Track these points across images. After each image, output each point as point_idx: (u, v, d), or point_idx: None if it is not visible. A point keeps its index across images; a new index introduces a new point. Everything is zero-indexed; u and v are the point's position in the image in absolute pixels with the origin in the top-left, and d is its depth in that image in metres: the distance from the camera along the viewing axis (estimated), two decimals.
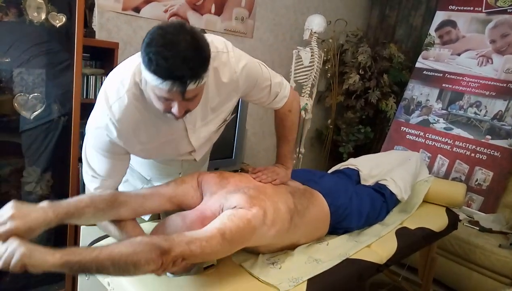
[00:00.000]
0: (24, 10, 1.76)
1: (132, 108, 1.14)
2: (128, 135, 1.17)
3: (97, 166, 1.21)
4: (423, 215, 1.92)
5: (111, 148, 1.17)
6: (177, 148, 1.30)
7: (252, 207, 1.15)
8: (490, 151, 2.92)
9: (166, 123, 1.20)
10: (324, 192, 1.52)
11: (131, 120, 1.15)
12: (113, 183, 1.25)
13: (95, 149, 1.19)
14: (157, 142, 1.24)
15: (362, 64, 3.47)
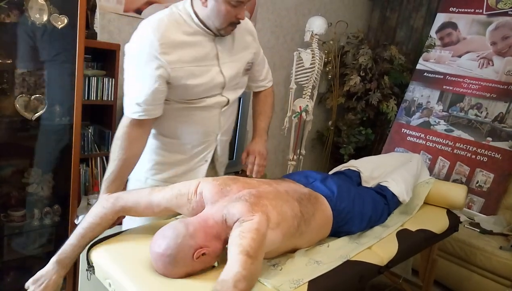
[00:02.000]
0: (26, 12, 1.76)
1: (171, 26, 1.32)
2: (169, 50, 1.30)
3: (138, 94, 1.32)
4: (424, 217, 1.92)
5: (152, 64, 1.30)
6: (210, 76, 1.41)
7: (254, 214, 1.15)
8: (491, 152, 2.92)
9: (201, 47, 1.38)
10: (327, 195, 1.52)
11: (170, 35, 1.31)
12: (152, 110, 1.35)
13: (137, 74, 1.33)
14: (193, 65, 1.37)
15: (363, 66, 3.47)
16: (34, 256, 2.16)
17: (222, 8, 1.29)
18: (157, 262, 1.12)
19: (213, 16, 1.32)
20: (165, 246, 1.10)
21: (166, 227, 1.16)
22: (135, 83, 1.35)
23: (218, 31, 1.37)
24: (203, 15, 1.34)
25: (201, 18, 1.35)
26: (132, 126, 1.36)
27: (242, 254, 1.06)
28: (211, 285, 1.13)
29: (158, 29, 1.30)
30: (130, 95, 1.36)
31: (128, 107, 1.36)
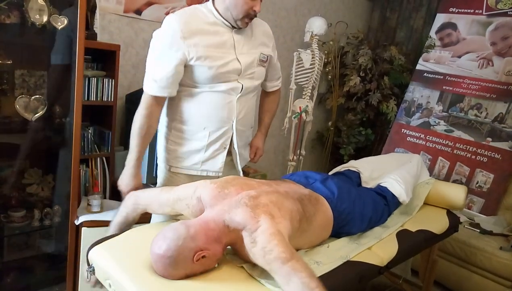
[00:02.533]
0: (26, 13, 1.76)
1: (194, 16, 1.51)
2: (189, 33, 1.46)
3: (156, 72, 1.49)
4: (424, 217, 1.92)
5: (172, 47, 1.46)
6: (226, 60, 1.53)
7: (258, 220, 1.16)
8: (491, 153, 2.92)
9: (219, 36, 1.52)
10: (328, 196, 1.52)
11: (192, 23, 1.48)
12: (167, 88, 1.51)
13: (159, 54, 1.49)
14: (211, 50, 1.50)
15: (362, 67, 3.47)
16: (34, 256, 2.16)
17: (239, 0, 1.46)
18: (157, 263, 1.12)
19: (232, 7, 1.48)
20: (165, 247, 1.10)
21: (167, 228, 1.16)
22: (156, 62, 1.50)
23: (235, 23, 1.53)
24: (223, 8, 1.51)
25: (221, 12, 1.52)
26: (151, 104, 1.53)
27: (284, 263, 1.09)
28: (211, 286, 1.13)
29: (180, 18, 1.48)
30: (150, 73, 1.52)
31: (146, 84, 1.53)
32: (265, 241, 1.12)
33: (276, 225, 1.16)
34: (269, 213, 1.19)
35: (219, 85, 1.56)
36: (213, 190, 1.29)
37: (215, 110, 1.59)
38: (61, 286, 2.07)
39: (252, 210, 1.18)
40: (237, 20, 1.51)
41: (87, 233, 1.94)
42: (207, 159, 1.64)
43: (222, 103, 1.59)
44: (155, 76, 1.50)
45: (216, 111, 1.59)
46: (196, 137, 1.62)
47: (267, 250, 1.11)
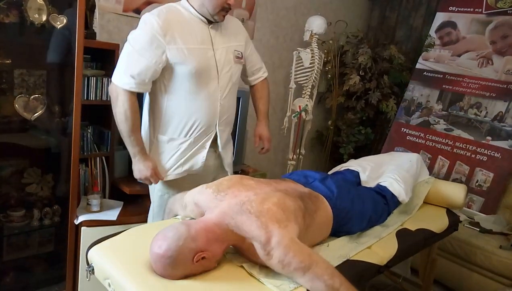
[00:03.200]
0: (25, 12, 1.76)
1: (171, 14, 1.54)
2: (168, 30, 1.50)
3: (134, 67, 1.50)
4: (424, 216, 1.92)
5: (152, 44, 1.49)
6: (205, 58, 1.59)
7: (267, 231, 1.16)
8: (491, 152, 2.92)
9: (197, 31, 1.57)
10: (327, 195, 1.52)
11: (171, 21, 1.52)
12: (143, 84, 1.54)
13: (138, 50, 1.50)
14: (190, 45, 1.55)
15: (362, 66, 3.47)
16: (34, 256, 2.16)
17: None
18: (156, 262, 1.12)
19: (207, 2, 1.54)
20: (165, 247, 1.10)
21: (168, 228, 1.16)
22: (134, 58, 1.51)
23: (212, 17, 1.58)
24: (199, 4, 1.56)
25: (197, 8, 1.57)
26: (130, 99, 1.54)
27: (305, 272, 1.12)
28: (211, 286, 1.13)
29: (159, 15, 1.51)
30: (125, 68, 1.52)
31: (122, 80, 1.53)
32: (281, 255, 1.13)
33: (286, 233, 1.16)
34: (275, 219, 1.18)
35: (200, 85, 1.60)
36: (209, 195, 1.31)
37: (200, 114, 1.64)
38: (60, 286, 2.07)
39: (258, 218, 1.18)
40: (213, 15, 1.57)
41: (87, 233, 1.94)
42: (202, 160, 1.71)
43: (205, 105, 1.63)
44: (132, 72, 1.51)
45: (202, 115, 1.64)
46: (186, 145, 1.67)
47: (285, 263, 1.13)
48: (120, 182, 2.22)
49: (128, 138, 1.59)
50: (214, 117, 1.68)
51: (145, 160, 1.63)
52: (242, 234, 1.19)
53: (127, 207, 2.16)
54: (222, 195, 1.28)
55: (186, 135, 1.67)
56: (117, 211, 2.08)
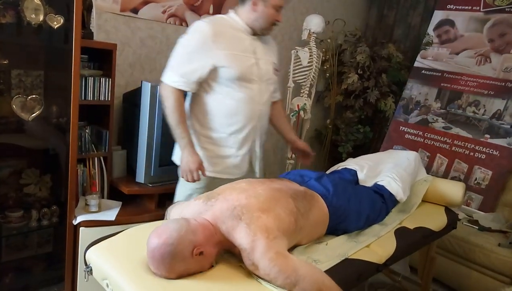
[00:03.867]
0: (21, 12, 1.75)
1: (221, 22, 1.73)
2: (217, 37, 1.66)
3: (182, 67, 1.66)
4: (422, 215, 1.92)
5: (202, 48, 1.65)
6: (249, 64, 1.73)
7: (254, 238, 1.16)
8: (489, 149, 2.92)
9: (242, 41, 1.74)
10: (323, 193, 1.53)
11: (220, 29, 1.69)
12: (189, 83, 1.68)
13: (188, 52, 1.66)
14: (235, 52, 1.70)
15: (360, 64, 3.47)
16: (32, 257, 2.16)
17: (270, 12, 1.71)
18: (155, 252, 1.10)
19: (261, 18, 1.72)
20: (167, 235, 1.11)
21: (169, 220, 1.20)
22: (185, 59, 1.66)
23: (262, 31, 1.77)
24: (251, 18, 1.73)
25: (247, 21, 1.74)
26: (178, 96, 1.68)
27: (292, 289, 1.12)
28: (210, 285, 1.13)
29: (210, 23, 1.68)
30: (175, 67, 1.67)
31: (172, 78, 1.67)
32: (266, 267, 1.13)
33: (273, 246, 1.16)
34: (265, 228, 1.19)
35: (242, 88, 1.73)
36: (198, 204, 1.32)
37: (241, 115, 1.76)
38: (59, 286, 2.07)
39: (248, 225, 1.18)
40: (264, 29, 1.76)
41: (85, 233, 1.94)
42: (238, 163, 1.81)
43: (246, 107, 1.76)
44: (181, 71, 1.66)
45: (242, 117, 1.76)
46: (226, 143, 1.78)
47: (272, 278, 1.14)
48: (119, 182, 2.22)
49: (176, 130, 1.69)
50: (253, 120, 1.79)
51: (194, 153, 1.70)
52: (231, 239, 1.20)
53: (125, 207, 2.16)
54: (212, 201, 1.29)
55: (227, 134, 1.77)
56: (115, 211, 2.08)
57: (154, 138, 2.14)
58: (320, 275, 1.18)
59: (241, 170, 1.84)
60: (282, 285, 1.13)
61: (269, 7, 1.71)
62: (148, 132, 2.12)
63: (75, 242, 1.96)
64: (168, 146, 2.23)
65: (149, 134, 2.12)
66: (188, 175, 1.69)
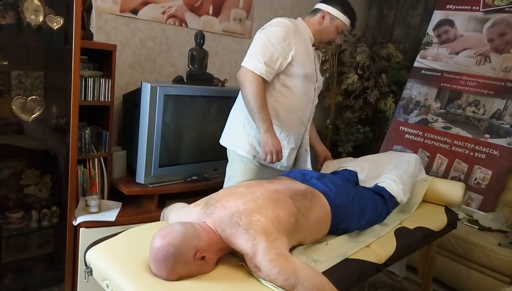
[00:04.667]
0: (21, 13, 1.76)
1: (298, 25, 1.87)
2: (296, 34, 1.80)
3: (266, 56, 1.73)
4: (422, 215, 1.92)
5: (285, 40, 1.76)
6: (312, 66, 1.89)
7: (254, 242, 1.16)
8: (489, 149, 2.92)
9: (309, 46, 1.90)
10: (324, 191, 1.53)
11: (297, 28, 1.83)
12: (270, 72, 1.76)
13: (272, 42, 1.74)
14: (305, 52, 1.84)
15: (360, 64, 3.47)
16: (32, 257, 2.16)
17: (332, 29, 1.90)
18: (158, 252, 1.10)
19: (324, 32, 1.91)
20: (172, 237, 1.11)
21: (174, 223, 1.19)
22: (269, 48, 1.74)
23: (318, 44, 1.96)
24: (316, 29, 1.91)
25: (312, 31, 1.91)
26: (259, 82, 1.73)
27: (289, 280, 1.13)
28: (210, 285, 1.13)
29: (290, 21, 1.82)
30: (259, 55, 1.73)
31: (255, 65, 1.73)
32: (267, 269, 1.14)
33: (273, 248, 1.16)
34: (264, 231, 1.19)
35: (305, 86, 1.87)
36: (197, 212, 1.32)
37: (299, 112, 1.90)
38: (59, 287, 2.07)
39: (246, 231, 1.18)
40: (321, 42, 1.95)
41: (85, 234, 1.94)
42: (285, 155, 1.89)
43: (305, 103, 1.91)
44: (265, 60, 1.73)
45: (300, 111, 1.90)
46: (280, 135, 1.87)
47: (272, 279, 1.14)
48: (119, 182, 2.22)
49: (258, 114, 1.74)
50: (305, 117, 1.96)
51: (275, 135, 1.77)
52: (232, 246, 1.21)
53: (125, 208, 2.16)
54: (211, 208, 1.30)
55: (283, 126, 1.88)
56: (115, 212, 2.08)
57: (154, 139, 2.14)
58: (320, 279, 1.18)
59: (287, 163, 1.95)
60: (281, 286, 1.13)
61: (333, 25, 1.89)
62: (148, 133, 2.12)
63: (75, 243, 1.96)
64: (168, 146, 2.24)
65: (149, 135, 2.12)
66: (274, 155, 1.76)
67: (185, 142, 2.35)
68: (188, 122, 2.33)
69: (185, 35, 2.74)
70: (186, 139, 2.35)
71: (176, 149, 2.30)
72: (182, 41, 2.74)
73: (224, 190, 1.43)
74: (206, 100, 2.40)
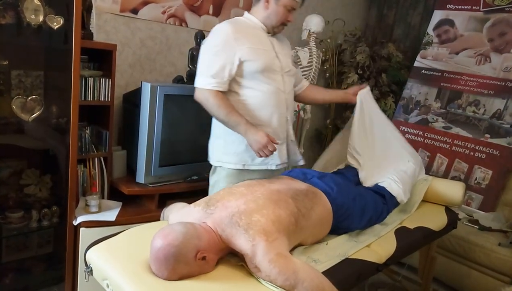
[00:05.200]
0: (21, 13, 1.75)
1: (239, 22, 1.82)
2: (238, 34, 1.73)
3: (212, 68, 1.70)
4: (422, 215, 1.92)
5: (226, 46, 1.71)
6: (270, 56, 1.81)
7: (254, 243, 1.16)
8: (489, 149, 2.92)
9: (260, 37, 1.81)
10: (326, 190, 1.52)
11: (239, 27, 1.77)
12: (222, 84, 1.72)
13: (213, 53, 1.72)
14: (256, 46, 1.77)
15: (360, 64, 3.47)
16: (32, 257, 2.16)
17: (280, 10, 1.78)
18: (159, 252, 1.10)
19: (272, 15, 1.80)
20: (172, 237, 1.11)
21: (175, 223, 1.19)
22: (212, 60, 1.71)
23: (272, 29, 1.84)
24: (263, 16, 1.81)
25: (260, 19, 1.82)
26: (215, 96, 1.70)
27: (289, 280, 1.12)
28: (210, 285, 1.13)
29: (230, 24, 1.76)
30: (205, 71, 1.71)
31: (204, 81, 1.71)
32: (267, 269, 1.14)
33: (272, 248, 1.16)
34: (263, 232, 1.19)
35: (267, 79, 1.79)
36: (198, 212, 1.32)
37: (270, 105, 1.82)
38: (59, 287, 2.07)
39: (246, 231, 1.18)
40: (274, 27, 1.83)
41: (85, 233, 1.94)
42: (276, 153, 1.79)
43: (274, 97, 1.83)
44: (212, 73, 1.70)
45: (271, 106, 1.82)
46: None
47: (272, 279, 1.14)
48: (119, 182, 2.22)
49: (230, 122, 1.72)
50: (280, 108, 1.86)
51: (256, 131, 1.70)
52: (232, 246, 1.21)
53: (125, 208, 2.16)
54: (212, 208, 1.29)
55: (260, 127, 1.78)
56: (115, 212, 2.08)
57: (154, 139, 2.14)
58: (320, 279, 1.17)
59: (281, 160, 1.89)
60: (281, 287, 1.13)
61: (280, 6, 1.77)
62: (148, 132, 2.12)
63: (76, 243, 1.96)
64: (168, 146, 2.24)
65: (149, 134, 2.12)
66: (265, 150, 1.69)
67: (185, 142, 2.34)
68: (188, 122, 2.32)
69: (185, 35, 2.74)
70: (186, 139, 2.35)
71: (176, 148, 2.30)
72: (182, 41, 2.74)
73: (225, 189, 1.43)
74: None
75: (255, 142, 1.69)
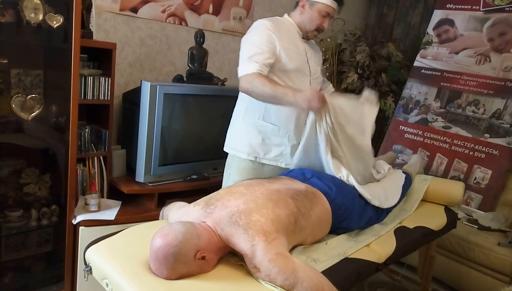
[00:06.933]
0: (21, 11, 1.75)
1: (277, 21, 1.86)
2: (276, 32, 1.79)
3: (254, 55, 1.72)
4: (422, 214, 1.92)
5: (268, 38, 1.76)
6: (302, 60, 1.87)
7: (253, 243, 1.16)
8: (489, 149, 2.92)
9: (295, 40, 1.88)
10: (325, 190, 1.52)
11: (278, 26, 1.82)
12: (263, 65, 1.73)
13: (256, 44, 1.75)
14: (292, 47, 1.83)
15: (360, 63, 3.46)
16: (32, 256, 2.16)
17: (314, 15, 1.83)
18: (158, 252, 1.10)
19: (307, 20, 1.86)
20: (172, 236, 1.11)
21: (175, 222, 1.19)
22: (254, 48, 1.74)
23: (306, 34, 1.90)
24: (299, 20, 1.88)
25: (297, 22, 1.89)
26: (256, 76, 1.69)
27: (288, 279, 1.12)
28: (210, 285, 1.13)
29: (270, 21, 1.82)
30: (247, 57, 1.73)
31: (248, 66, 1.71)
32: (266, 269, 1.14)
33: (272, 248, 1.16)
34: (262, 231, 1.18)
35: (297, 80, 1.84)
36: (197, 211, 1.31)
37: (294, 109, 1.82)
38: (59, 286, 2.07)
39: (246, 231, 1.18)
40: (308, 32, 1.89)
41: (85, 232, 1.94)
42: (288, 152, 1.87)
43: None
44: (255, 58, 1.72)
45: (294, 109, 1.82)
46: (278, 133, 1.87)
47: (272, 278, 1.14)
48: (118, 181, 2.22)
49: (276, 95, 1.67)
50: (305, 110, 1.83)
51: (303, 92, 1.68)
52: (231, 246, 1.20)
53: (125, 207, 2.16)
54: (211, 208, 1.29)
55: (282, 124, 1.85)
56: (115, 211, 2.08)
57: (153, 138, 2.14)
58: (319, 279, 1.17)
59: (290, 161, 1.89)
60: (281, 286, 1.13)
61: (314, 11, 1.82)
62: (147, 131, 2.12)
63: (75, 242, 1.96)
64: (168, 145, 2.24)
65: (149, 133, 2.12)
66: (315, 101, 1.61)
67: (185, 141, 2.34)
68: (188, 121, 2.32)
69: (185, 34, 2.74)
70: (186, 138, 2.35)
71: (176, 147, 2.30)
72: (182, 40, 2.74)
73: (224, 189, 1.43)
74: (206, 99, 2.40)
75: (306, 100, 1.63)
